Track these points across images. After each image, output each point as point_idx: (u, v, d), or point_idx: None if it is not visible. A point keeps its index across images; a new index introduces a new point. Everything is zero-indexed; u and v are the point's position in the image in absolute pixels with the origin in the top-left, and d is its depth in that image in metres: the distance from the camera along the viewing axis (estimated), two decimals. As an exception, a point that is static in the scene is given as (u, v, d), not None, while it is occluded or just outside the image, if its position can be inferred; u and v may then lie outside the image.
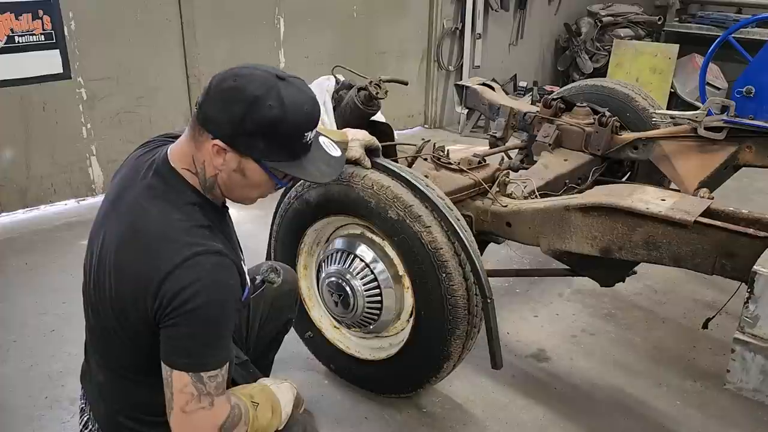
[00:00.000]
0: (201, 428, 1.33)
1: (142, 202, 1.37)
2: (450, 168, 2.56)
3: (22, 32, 3.84)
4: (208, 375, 1.31)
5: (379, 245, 2.31)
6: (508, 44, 7.02)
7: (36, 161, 4.15)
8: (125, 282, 1.35)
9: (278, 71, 1.37)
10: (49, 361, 2.76)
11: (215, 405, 1.32)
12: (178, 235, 1.32)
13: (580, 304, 3.31)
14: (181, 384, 1.30)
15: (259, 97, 1.30)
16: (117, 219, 1.41)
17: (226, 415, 1.35)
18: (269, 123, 1.31)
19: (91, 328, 1.54)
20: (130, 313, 1.36)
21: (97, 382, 1.58)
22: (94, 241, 1.46)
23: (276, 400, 1.54)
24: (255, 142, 1.33)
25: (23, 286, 3.37)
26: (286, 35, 5.15)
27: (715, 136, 2.79)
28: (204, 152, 1.36)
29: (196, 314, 1.28)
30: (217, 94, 1.33)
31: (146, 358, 1.40)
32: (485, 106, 3.74)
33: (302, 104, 1.35)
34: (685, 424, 2.50)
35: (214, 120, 1.33)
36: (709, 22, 6.96)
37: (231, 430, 1.37)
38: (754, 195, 4.70)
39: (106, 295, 1.40)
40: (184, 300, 1.27)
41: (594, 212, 2.21)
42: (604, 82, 3.60)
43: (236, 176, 1.37)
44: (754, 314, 1.76)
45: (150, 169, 1.41)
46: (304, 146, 1.40)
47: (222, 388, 1.35)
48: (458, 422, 2.46)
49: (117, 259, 1.36)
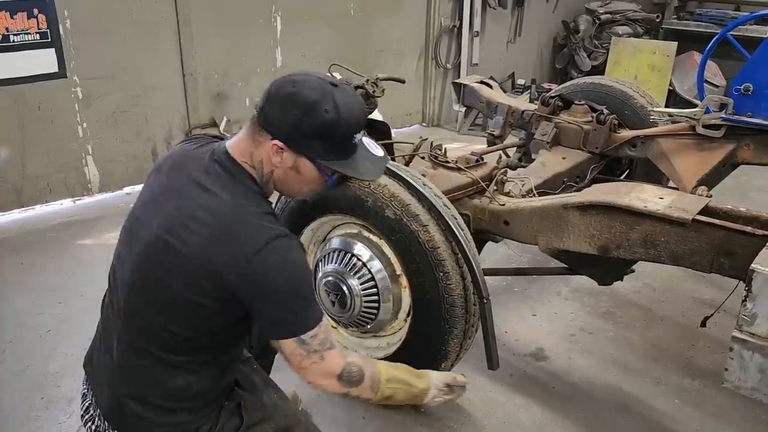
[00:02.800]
0: (318, 377, 1.56)
1: (210, 187, 1.47)
2: (447, 166, 2.55)
3: (17, 31, 3.82)
4: (309, 336, 1.49)
5: (377, 244, 2.30)
6: (506, 42, 7.01)
7: (31, 161, 4.13)
8: (199, 260, 1.42)
9: (330, 78, 1.52)
10: (45, 362, 2.75)
11: (326, 358, 1.53)
12: (253, 219, 1.45)
13: (579, 303, 3.30)
14: (289, 349, 1.50)
15: (316, 102, 1.43)
16: (181, 200, 1.48)
17: (340, 366, 1.57)
18: (325, 126, 1.44)
19: (123, 309, 1.54)
20: (197, 289, 1.44)
21: (111, 366, 1.57)
22: (144, 222, 1.52)
23: (423, 372, 1.86)
24: (311, 143, 1.46)
25: (19, 286, 3.35)
26: (283, 33, 5.13)
27: (714, 133, 2.78)
28: (262, 150, 1.49)
29: (285, 291, 1.44)
30: (277, 98, 1.46)
31: (196, 332, 1.50)
32: (483, 104, 3.73)
33: (353, 109, 1.50)
34: (683, 422, 2.49)
35: (274, 122, 1.46)
36: (708, 20, 6.95)
37: (351, 381, 1.60)
38: (752, 193, 4.69)
39: (166, 272, 1.46)
40: (273, 279, 1.43)
41: (592, 210, 2.20)
42: (603, 80, 3.60)
43: (291, 173, 1.51)
44: (752, 312, 1.75)
45: (212, 159, 1.52)
46: (353, 146, 1.54)
47: (328, 343, 1.54)
48: (456, 421, 2.45)
49: (189, 237, 1.43)
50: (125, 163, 4.55)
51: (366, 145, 1.59)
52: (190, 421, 1.57)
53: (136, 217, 1.58)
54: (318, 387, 1.60)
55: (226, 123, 4.94)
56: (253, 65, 5.04)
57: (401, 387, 1.76)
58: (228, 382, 1.66)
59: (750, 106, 2.68)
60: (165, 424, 1.55)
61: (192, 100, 4.74)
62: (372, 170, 1.60)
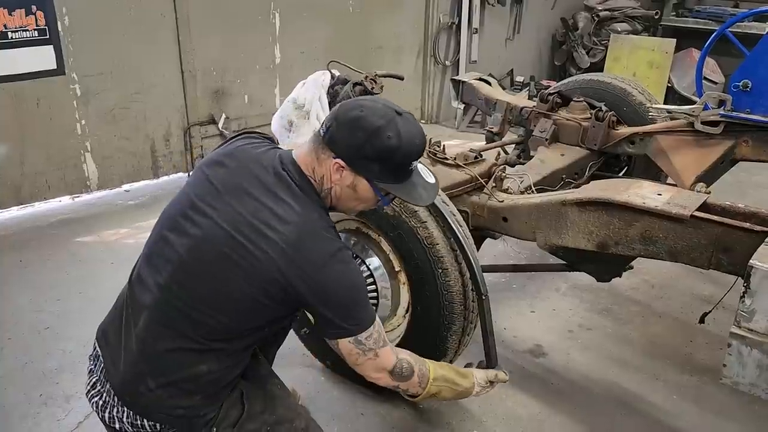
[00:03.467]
0: (372, 372, 1.67)
1: (283, 196, 1.54)
2: (446, 163, 2.55)
3: (15, 28, 3.81)
4: (365, 336, 1.59)
5: (375, 241, 2.30)
6: (505, 39, 7.00)
7: (30, 157, 4.13)
8: (270, 267, 1.49)
9: (396, 106, 1.59)
10: (43, 359, 2.75)
11: (380, 355, 1.64)
12: (322, 232, 1.55)
13: (577, 300, 3.30)
14: (346, 349, 1.61)
15: (380, 128, 1.51)
16: (252, 203, 1.53)
17: (392, 362, 1.68)
18: (386, 151, 1.53)
19: (164, 287, 1.56)
20: (260, 290, 1.51)
21: (133, 342, 1.58)
22: (202, 210, 1.56)
23: (467, 371, 1.96)
24: (371, 165, 1.55)
25: (17, 284, 3.35)
26: (282, 30, 5.12)
27: (712, 130, 2.78)
28: (324, 167, 1.58)
29: (346, 297, 1.56)
30: (344, 120, 1.54)
31: (244, 324, 1.57)
32: (482, 101, 3.73)
33: (414, 137, 1.57)
34: (682, 418, 2.50)
35: (339, 142, 1.55)
36: (706, 16, 6.95)
37: (401, 376, 1.71)
38: (750, 189, 4.70)
39: (228, 268, 1.50)
40: (336, 288, 1.53)
41: (590, 207, 2.20)
42: (601, 77, 3.59)
43: (348, 191, 1.60)
44: (750, 308, 1.75)
45: (281, 168, 1.59)
46: (409, 172, 1.63)
47: (381, 341, 1.64)
48: (455, 418, 2.46)
49: (261, 243, 1.49)
50: (124, 160, 4.55)
51: (420, 171, 1.68)
52: (200, 406, 1.60)
53: (192, 202, 1.59)
54: (372, 380, 1.71)
55: (224, 120, 4.93)
56: (252, 62, 5.03)
57: (447, 386, 1.85)
58: (239, 372, 1.68)
59: (748, 103, 2.68)
60: (177, 407, 1.57)
61: (191, 97, 4.73)
62: (424, 197, 1.67)
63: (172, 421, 1.59)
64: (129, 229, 4.05)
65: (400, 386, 1.74)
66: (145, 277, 1.61)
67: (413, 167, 1.63)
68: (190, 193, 1.62)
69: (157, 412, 1.58)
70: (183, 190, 1.66)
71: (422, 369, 1.77)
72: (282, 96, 5.03)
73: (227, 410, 1.65)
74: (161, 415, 1.58)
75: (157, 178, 4.74)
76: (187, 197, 1.62)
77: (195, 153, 4.86)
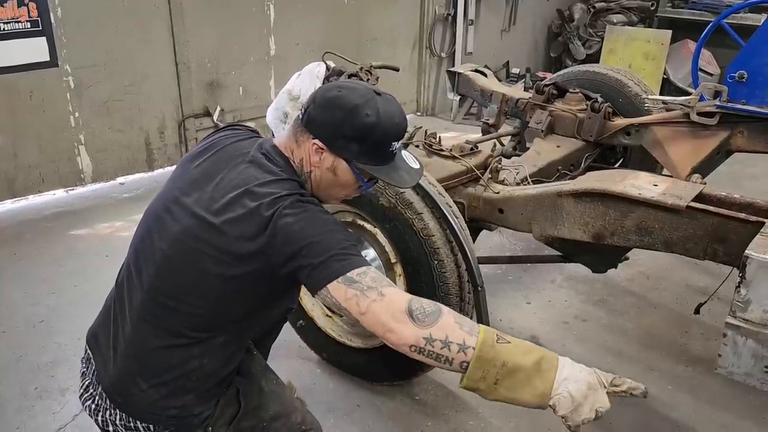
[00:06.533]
0: (385, 317, 1.34)
1: (258, 174, 1.50)
2: (442, 155, 2.55)
3: (7, 19, 3.77)
4: (356, 273, 1.37)
5: (371, 232, 2.30)
6: (501, 30, 6.98)
7: (24, 150, 4.10)
8: (234, 231, 1.44)
9: (376, 88, 1.56)
10: (38, 352, 2.74)
11: (385, 294, 1.36)
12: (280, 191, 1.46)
13: (573, 291, 3.31)
14: (342, 295, 1.37)
15: (358, 106, 1.49)
16: (224, 185, 1.50)
17: (405, 301, 1.36)
18: (365, 129, 1.49)
19: (149, 285, 1.54)
20: (229, 265, 1.45)
21: (123, 343, 1.57)
22: (183, 204, 1.54)
23: (550, 359, 1.40)
24: (350, 145, 1.51)
25: (11, 277, 3.34)
26: (276, 22, 5.09)
27: (708, 121, 2.78)
28: (303, 150, 1.55)
29: (315, 233, 1.40)
30: (323, 101, 1.53)
31: (225, 308, 1.52)
32: (477, 93, 3.72)
33: (393, 116, 1.54)
34: (677, 408, 2.51)
35: (317, 122, 1.52)
36: (702, 8, 6.93)
37: (427, 313, 1.35)
38: (746, 180, 4.70)
39: (202, 251, 1.47)
40: (300, 228, 1.40)
41: (586, 198, 2.20)
42: (597, 68, 3.58)
43: (328, 174, 1.56)
44: (745, 299, 1.76)
45: (259, 152, 1.56)
46: (390, 154, 1.56)
47: (382, 280, 1.39)
48: (451, 409, 2.46)
49: (228, 217, 1.45)
50: (118, 153, 4.52)
51: (404, 156, 1.64)
52: (193, 405, 1.58)
53: (174, 197, 1.57)
54: (392, 337, 1.34)
55: (219, 112, 4.91)
56: (247, 54, 5.00)
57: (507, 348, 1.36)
58: (233, 369, 1.66)
59: (744, 94, 2.68)
60: (169, 407, 1.56)
61: (185, 89, 4.71)
62: (406, 179, 1.61)
63: (166, 422, 1.57)
64: (124, 222, 4.03)
65: (433, 334, 1.32)
66: (131, 277, 1.60)
67: (394, 149, 1.56)
68: (173, 188, 1.61)
69: (149, 413, 1.56)
70: (166, 186, 1.65)
71: (453, 312, 1.41)
72: (277, 88, 5.00)
73: (223, 408, 1.63)
74: (154, 416, 1.56)
75: (152, 171, 4.72)
76: (170, 192, 1.61)
77: (190, 145, 4.83)
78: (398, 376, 2.45)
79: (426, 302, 1.38)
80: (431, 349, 1.33)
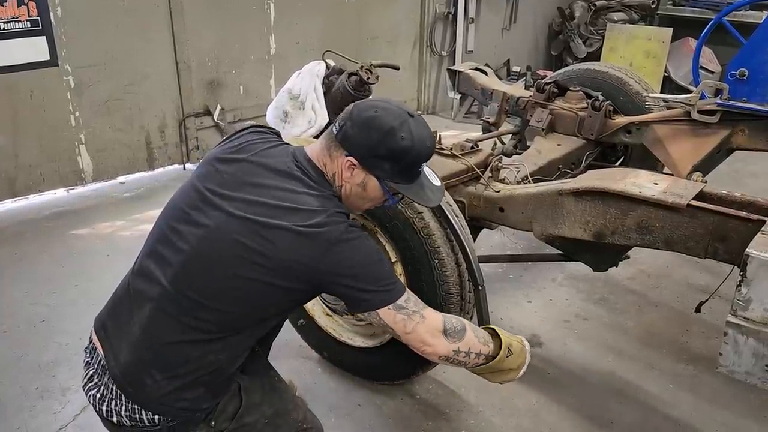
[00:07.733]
0: (428, 337, 1.60)
1: (296, 187, 1.56)
2: (442, 153, 2.54)
3: (7, 19, 3.78)
4: (403, 299, 1.57)
5: (371, 231, 2.29)
6: (501, 29, 6.97)
7: (24, 150, 4.11)
8: (282, 245, 1.49)
9: (408, 109, 1.63)
10: (39, 352, 2.74)
11: (426, 316, 1.60)
12: (336, 214, 1.55)
13: (574, 289, 3.31)
14: (391, 319, 1.57)
15: (394, 128, 1.56)
16: (267, 198, 1.54)
17: (441, 320, 1.63)
18: (399, 151, 1.56)
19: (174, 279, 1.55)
20: (271, 275, 1.50)
21: (136, 334, 1.57)
22: (214, 203, 1.56)
23: (525, 357, 1.80)
24: (382, 164, 1.58)
25: (12, 277, 3.34)
26: (277, 21, 5.09)
27: (709, 119, 2.78)
28: (336, 164, 1.61)
29: (370, 264, 1.55)
30: (359, 120, 1.58)
31: (253, 311, 1.57)
32: (478, 92, 3.71)
33: (425, 139, 1.61)
34: (678, 406, 2.51)
35: (353, 140, 1.58)
36: (703, 5, 6.93)
37: (456, 331, 1.64)
38: (747, 178, 4.70)
39: (244, 258, 1.50)
40: (358, 260, 1.53)
41: (587, 197, 2.20)
42: (598, 66, 3.58)
43: (357, 189, 1.63)
44: (746, 297, 1.75)
45: (294, 162, 1.61)
46: (417, 173, 1.67)
47: (418, 302, 1.61)
48: (451, 408, 2.46)
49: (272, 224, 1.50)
50: (118, 152, 4.53)
51: (426, 174, 1.71)
52: (203, 398, 1.59)
53: (203, 195, 1.59)
54: (428, 350, 1.62)
55: (220, 111, 4.91)
56: (247, 53, 5.00)
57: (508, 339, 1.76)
58: (240, 365, 1.67)
59: (745, 92, 2.67)
60: (182, 399, 1.56)
61: (185, 88, 4.71)
62: (431, 198, 1.70)
63: (174, 414, 1.58)
64: (124, 221, 4.03)
65: (460, 347, 1.64)
66: (150, 269, 1.60)
67: (421, 169, 1.67)
68: (199, 186, 1.61)
69: (159, 404, 1.57)
70: (191, 183, 1.65)
71: (471, 324, 1.72)
72: (277, 86, 5.00)
73: (225, 403, 1.64)
74: (164, 407, 1.57)
75: (153, 170, 4.72)
76: (196, 190, 1.61)
77: (190, 144, 4.84)
78: (399, 375, 2.45)
79: (454, 320, 1.66)
80: (456, 357, 1.65)
